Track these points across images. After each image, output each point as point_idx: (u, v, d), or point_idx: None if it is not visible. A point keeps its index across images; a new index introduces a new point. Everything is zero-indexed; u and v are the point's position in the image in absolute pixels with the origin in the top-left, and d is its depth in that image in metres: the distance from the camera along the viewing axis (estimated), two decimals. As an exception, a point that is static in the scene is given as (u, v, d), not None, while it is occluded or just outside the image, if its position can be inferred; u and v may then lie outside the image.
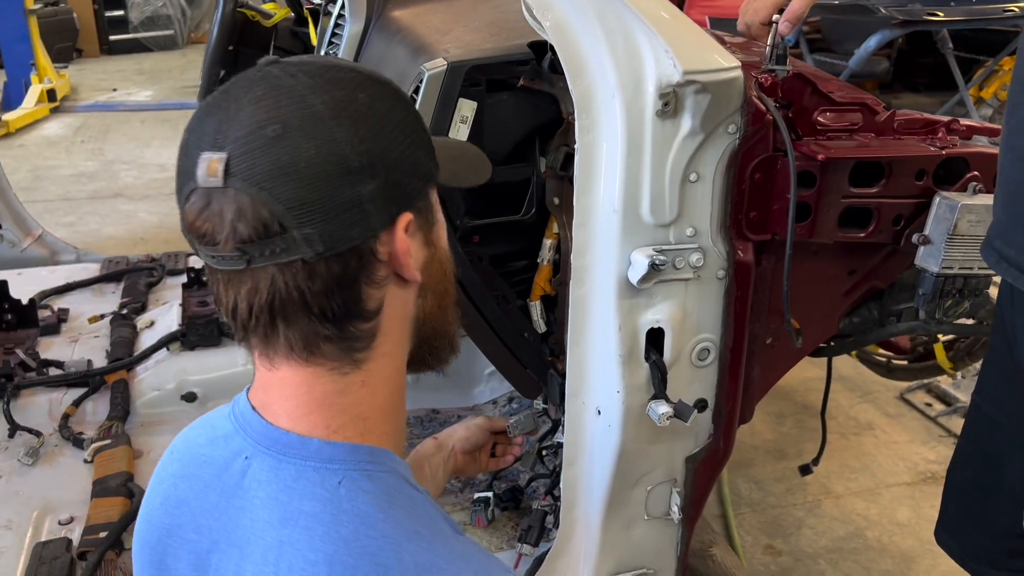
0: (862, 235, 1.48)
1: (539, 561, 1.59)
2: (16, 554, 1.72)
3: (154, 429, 2.08)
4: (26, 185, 5.48)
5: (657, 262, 1.31)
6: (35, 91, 7.42)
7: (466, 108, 1.32)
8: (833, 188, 1.42)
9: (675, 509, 1.53)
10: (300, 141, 0.70)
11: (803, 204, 1.41)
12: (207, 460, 0.83)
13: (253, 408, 0.82)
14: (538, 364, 1.55)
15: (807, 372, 2.66)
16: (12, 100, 7.46)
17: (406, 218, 0.75)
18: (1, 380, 2.17)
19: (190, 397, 2.16)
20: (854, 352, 2.23)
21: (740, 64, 1.29)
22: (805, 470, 2.20)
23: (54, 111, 7.55)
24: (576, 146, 1.32)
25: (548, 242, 1.50)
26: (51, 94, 7.53)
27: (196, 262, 2.82)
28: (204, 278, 2.62)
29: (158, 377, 2.18)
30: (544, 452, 1.71)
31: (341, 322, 0.75)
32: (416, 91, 1.26)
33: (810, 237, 1.45)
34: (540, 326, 1.52)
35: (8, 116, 6.91)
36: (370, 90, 0.75)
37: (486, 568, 0.74)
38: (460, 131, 1.33)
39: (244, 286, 0.73)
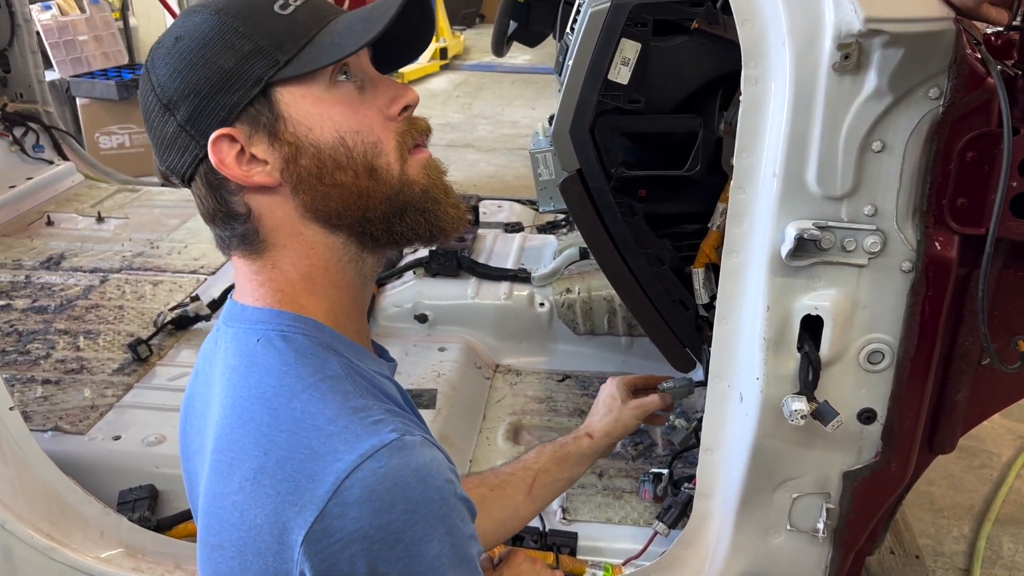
0: (1122, 249, 1.16)
1: (676, 545, 1.50)
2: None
3: (386, 340, 2.28)
4: (398, 129, 6.21)
5: (806, 236, 1.15)
6: (429, 49, 8.34)
7: (628, 49, 1.25)
8: (1078, 181, 1.13)
9: (820, 526, 1.35)
10: (142, 95, 0.87)
11: (1032, 197, 1.15)
12: (209, 344, 0.95)
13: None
14: (693, 336, 1.44)
15: None
16: (413, 55, 8.48)
17: (218, 134, 0.82)
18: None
19: (422, 318, 2.34)
20: None
21: (952, 14, 1.07)
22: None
23: (443, 68, 8.43)
24: (741, 98, 1.20)
25: (721, 207, 1.38)
26: (443, 52, 8.41)
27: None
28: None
29: (400, 295, 2.38)
30: (699, 432, 1.59)
31: (226, 223, 0.86)
32: (572, 27, 1.21)
33: (1037, 240, 1.17)
34: (701, 296, 1.41)
35: (404, 69, 7.86)
36: (184, 26, 0.83)
37: (363, 437, 0.74)
38: (621, 73, 1.27)
39: None
